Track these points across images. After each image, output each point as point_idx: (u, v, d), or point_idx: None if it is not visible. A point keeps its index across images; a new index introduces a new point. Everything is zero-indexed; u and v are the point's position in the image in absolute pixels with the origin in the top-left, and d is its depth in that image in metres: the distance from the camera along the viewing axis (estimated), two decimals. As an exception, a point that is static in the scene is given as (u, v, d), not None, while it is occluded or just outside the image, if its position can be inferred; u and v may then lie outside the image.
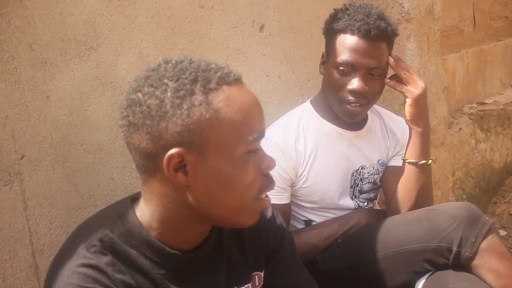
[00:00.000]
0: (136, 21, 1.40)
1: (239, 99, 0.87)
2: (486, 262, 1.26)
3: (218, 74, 0.87)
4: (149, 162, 0.88)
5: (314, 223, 1.60)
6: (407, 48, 2.04)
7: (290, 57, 1.85)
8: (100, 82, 1.34)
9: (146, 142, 0.85)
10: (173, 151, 0.84)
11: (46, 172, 1.25)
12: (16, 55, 1.18)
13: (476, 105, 3.35)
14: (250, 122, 0.88)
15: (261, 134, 0.90)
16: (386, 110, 1.73)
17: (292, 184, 1.54)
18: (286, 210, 1.51)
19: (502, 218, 2.97)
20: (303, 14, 1.88)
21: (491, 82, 3.70)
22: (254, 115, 0.89)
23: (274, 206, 1.16)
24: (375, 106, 1.67)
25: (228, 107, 0.85)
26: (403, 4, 2.02)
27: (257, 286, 1.09)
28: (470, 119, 3.10)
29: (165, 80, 0.85)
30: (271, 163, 0.92)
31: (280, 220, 1.15)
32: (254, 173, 0.90)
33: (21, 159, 1.21)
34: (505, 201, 3.12)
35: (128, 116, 0.87)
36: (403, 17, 2.01)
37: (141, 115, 0.85)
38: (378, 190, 1.70)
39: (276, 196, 1.46)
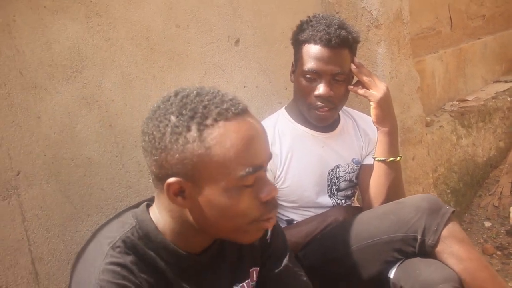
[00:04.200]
0: (117, 43, 1.48)
1: (233, 136, 0.92)
2: (448, 247, 1.35)
3: (217, 110, 0.92)
4: (159, 182, 0.98)
5: (295, 222, 1.68)
6: (378, 52, 2.11)
7: (266, 67, 1.93)
8: (86, 101, 1.42)
9: (153, 166, 0.96)
10: (171, 179, 0.93)
11: (41, 186, 1.33)
12: (8, 81, 1.27)
13: (457, 102, 3.42)
14: (242, 158, 0.92)
15: (257, 168, 0.94)
16: (358, 112, 1.82)
17: (271, 185, 1.63)
18: None
19: (487, 210, 3.03)
20: (277, 27, 1.96)
21: (472, 79, 3.75)
22: (250, 150, 0.93)
23: None
24: (346, 108, 1.77)
25: (221, 144, 0.91)
26: (371, 12, 2.09)
27: (254, 281, 1.18)
28: (451, 116, 3.17)
29: (168, 115, 0.93)
30: (271, 192, 0.97)
31: None
32: (249, 202, 0.95)
33: (17, 175, 1.29)
34: (489, 193, 3.18)
35: (143, 142, 0.98)
36: (372, 23, 2.08)
37: (149, 144, 0.95)
38: (355, 188, 1.78)
39: None
